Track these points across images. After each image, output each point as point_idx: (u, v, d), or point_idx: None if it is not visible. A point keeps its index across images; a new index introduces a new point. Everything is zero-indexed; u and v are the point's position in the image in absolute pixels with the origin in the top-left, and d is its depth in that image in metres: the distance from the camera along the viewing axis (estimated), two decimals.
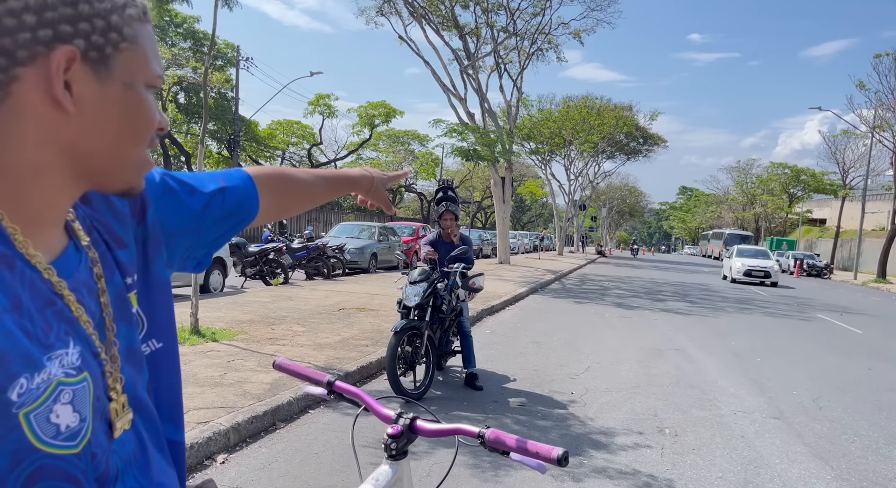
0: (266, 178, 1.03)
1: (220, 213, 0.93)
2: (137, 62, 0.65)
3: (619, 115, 34.67)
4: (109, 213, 0.77)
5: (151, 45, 0.67)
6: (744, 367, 7.21)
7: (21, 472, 0.60)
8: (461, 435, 1.27)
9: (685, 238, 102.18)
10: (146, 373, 0.78)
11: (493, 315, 10.19)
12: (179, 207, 0.86)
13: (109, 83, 0.63)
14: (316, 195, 1.16)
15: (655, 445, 4.28)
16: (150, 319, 0.82)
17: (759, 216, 61.07)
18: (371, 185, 1.28)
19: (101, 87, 0.62)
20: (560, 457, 1.12)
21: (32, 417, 0.61)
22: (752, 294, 18.53)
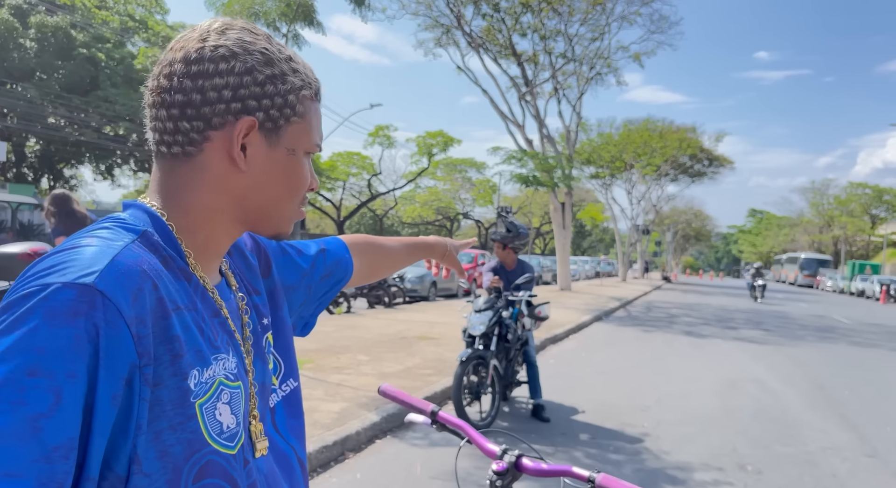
0: (356, 244, 1.19)
1: (323, 272, 1.06)
2: (302, 133, 0.78)
3: (682, 137, 33.89)
4: (244, 265, 0.89)
5: (317, 120, 0.81)
6: (830, 400, 6.75)
7: (194, 464, 0.66)
8: (569, 477, 1.24)
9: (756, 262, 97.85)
10: (269, 414, 0.84)
11: (557, 343, 9.98)
12: (293, 266, 1.00)
13: (277, 149, 0.76)
14: (398, 260, 1.32)
15: (737, 482, 4.04)
16: (286, 361, 0.91)
17: (838, 239, 57.88)
18: (445, 251, 1.41)
19: (270, 152, 0.76)
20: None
21: (204, 409, 0.68)
22: (835, 322, 17.47)
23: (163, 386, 0.64)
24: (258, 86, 0.73)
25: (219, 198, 0.75)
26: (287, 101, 0.75)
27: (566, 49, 21.92)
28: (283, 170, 0.77)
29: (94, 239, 0.66)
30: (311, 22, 18.90)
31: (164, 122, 0.72)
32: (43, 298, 0.58)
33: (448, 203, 44.45)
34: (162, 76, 0.72)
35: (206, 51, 0.71)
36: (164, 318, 0.65)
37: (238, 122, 0.72)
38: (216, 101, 0.71)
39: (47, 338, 0.57)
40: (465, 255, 22.53)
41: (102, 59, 25.45)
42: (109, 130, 27.08)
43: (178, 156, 0.73)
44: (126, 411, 0.61)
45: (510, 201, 46.57)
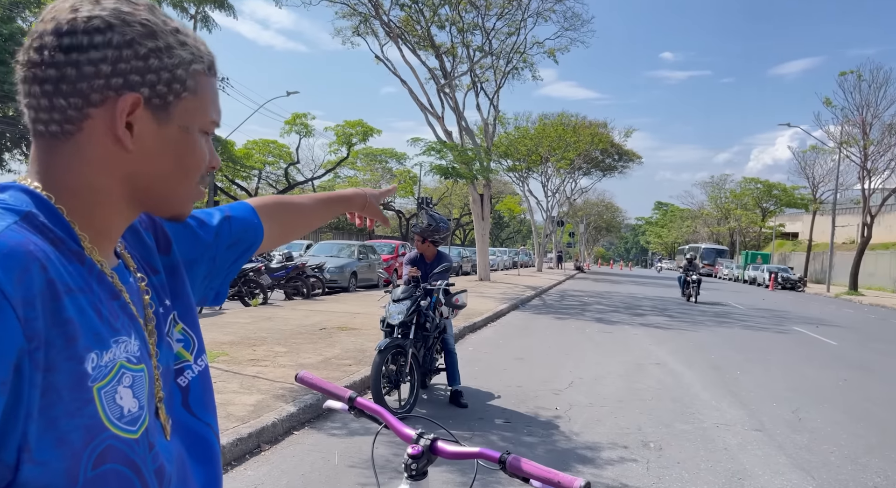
0: (266, 206, 1.13)
1: (229, 240, 1.01)
2: (195, 110, 0.74)
3: (594, 132, 35.27)
4: (140, 245, 0.85)
5: (212, 95, 0.77)
6: (724, 380, 7.29)
7: (94, 449, 0.64)
8: (482, 458, 1.27)
9: (662, 253, 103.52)
10: (179, 395, 0.83)
11: (475, 332, 10.18)
12: (194, 239, 0.95)
13: (168, 126, 0.72)
14: (314, 217, 1.26)
15: (641, 459, 4.31)
16: (196, 336, 0.88)
17: (734, 230, 62.21)
18: (364, 202, 1.36)
19: (159, 130, 0.72)
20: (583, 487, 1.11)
21: (103, 393, 0.66)
22: (731, 308, 18.80)
23: (56, 370, 0.61)
24: (140, 60, 0.68)
25: (106, 180, 0.71)
26: (175, 75, 0.71)
27: (484, 42, 22.24)
28: (175, 149, 0.73)
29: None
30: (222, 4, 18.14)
31: (38, 99, 0.68)
32: None
33: None
34: (32, 49, 0.67)
35: (78, 22, 0.66)
36: (56, 301, 0.62)
37: (120, 98, 0.68)
38: (93, 77, 0.67)
39: None
40: (386, 246, 22.47)
41: None
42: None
43: (57, 135, 0.68)
44: (15, 398, 0.58)
45: (431, 192, 46.79)
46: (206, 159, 0.77)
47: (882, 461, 4.61)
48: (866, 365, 9.21)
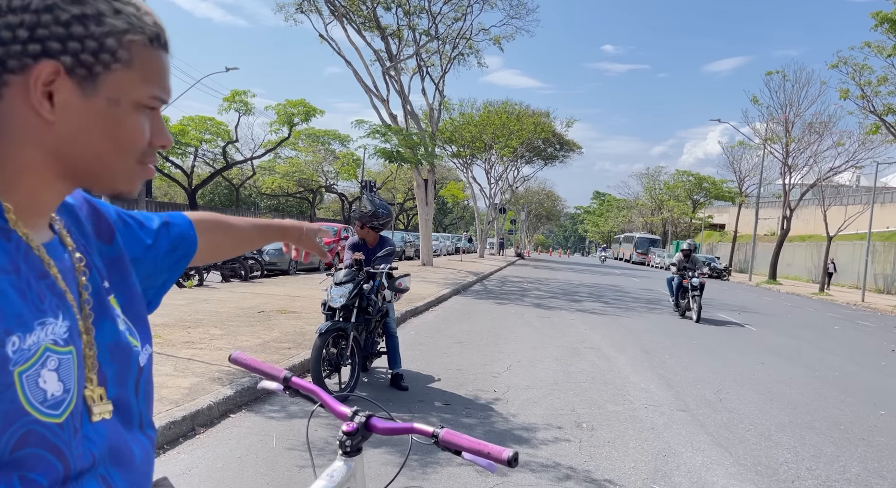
0: (203, 222, 1.12)
1: (168, 245, 1.01)
2: (130, 82, 0.70)
3: (537, 121, 35.75)
4: (76, 227, 0.83)
5: (155, 69, 0.72)
6: (653, 364, 7.63)
7: (12, 434, 0.63)
8: (415, 433, 1.30)
9: (599, 241, 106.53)
10: (135, 373, 0.80)
11: (417, 316, 10.24)
12: (135, 238, 0.94)
13: (94, 99, 0.68)
14: (247, 241, 1.25)
15: (574, 439, 4.48)
16: (138, 326, 0.85)
17: (667, 220, 64.66)
18: (301, 234, 1.34)
19: (85, 101, 0.68)
20: (510, 458, 1.16)
21: (24, 377, 0.64)
22: (661, 295, 19.59)
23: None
24: (61, 26, 0.65)
25: (29, 152, 0.68)
26: (104, 44, 0.67)
27: (430, 26, 22.11)
28: (104, 123, 0.69)
29: None
30: None
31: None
32: None
33: (310, 175, 43.25)
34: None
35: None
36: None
37: (37, 65, 0.64)
38: (10, 42, 0.63)
39: None
40: (329, 228, 22.18)
41: None
42: None
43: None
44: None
45: (374, 176, 46.38)
46: (145, 136, 0.73)
47: (792, 438, 4.96)
48: (781, 349, 9.83)
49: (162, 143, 0.75)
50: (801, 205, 35.60)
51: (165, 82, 0.74)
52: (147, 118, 0.73)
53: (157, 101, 0.73)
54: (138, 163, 0.74)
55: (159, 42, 0.73)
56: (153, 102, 0.73)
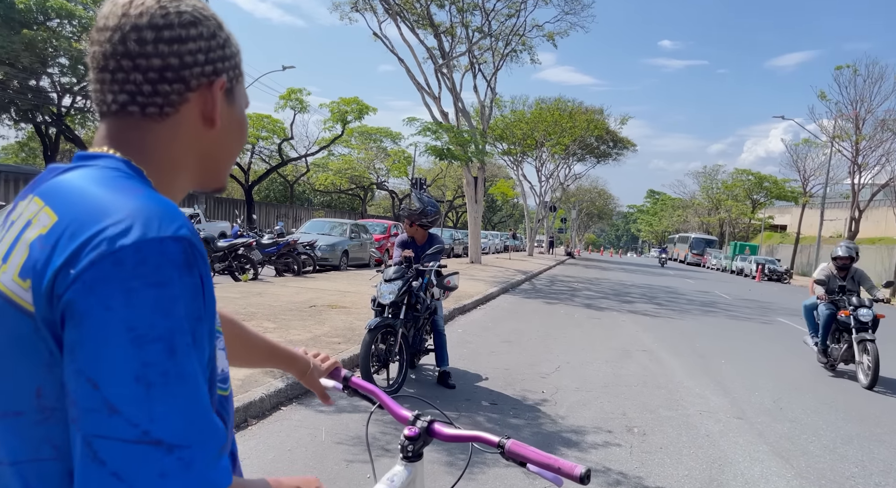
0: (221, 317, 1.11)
1: None
2: (243, 90, 0.86)
3: (590, 119, 35.12)
4: None
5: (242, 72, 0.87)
6: (708, 369, 7.39)
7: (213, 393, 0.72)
8: (480, 442, 1.25)
9: (652, 241, 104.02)
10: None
11: (465, 314, 10.23)
12: None
13: (234, 106, 0.84)
14: (256, 356, 1.24)
15: (625, 444, 4.37)
16: None
17: (724, 221, 62.56)
18: (307, 370, 1.32)
19: (229, 109, 0.83)
20: (583, 475, 1.10)
21: (218, 352, 0.75)
22: (717, 297, 18.98)
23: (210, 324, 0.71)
24: (221, 48, 0.80)
25: (188, 155, 0.80)
26: (237, 61, 0.83)
27: (483, 23, 22.02)
28: (238, 125, 0.85)
29: (139, 189, 0.70)
30: None
31: (139, 85, 0.75)
32: (156, 255, 0.63)
33: (362, 172, 43.82)
34: (129, 39, 0.74)
35: (172, 17, 0.75)
36: (208, 266, 0.73)
37: (215, 83, 0.79)
38: (193, 65, 0.76)
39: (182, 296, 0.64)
40: (378, 225, 22.41)
41: None
42: None
43: (153, 116, 0.76)
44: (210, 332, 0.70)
45: (425, 173, 46.62)
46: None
47: (859, 451, 4.70)
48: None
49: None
50: (872, 206, 33.79)
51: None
52: None
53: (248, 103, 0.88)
54: None
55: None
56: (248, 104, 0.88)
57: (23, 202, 0.73)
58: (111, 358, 0.60)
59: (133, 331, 0.60)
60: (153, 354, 0.61)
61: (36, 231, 0.66)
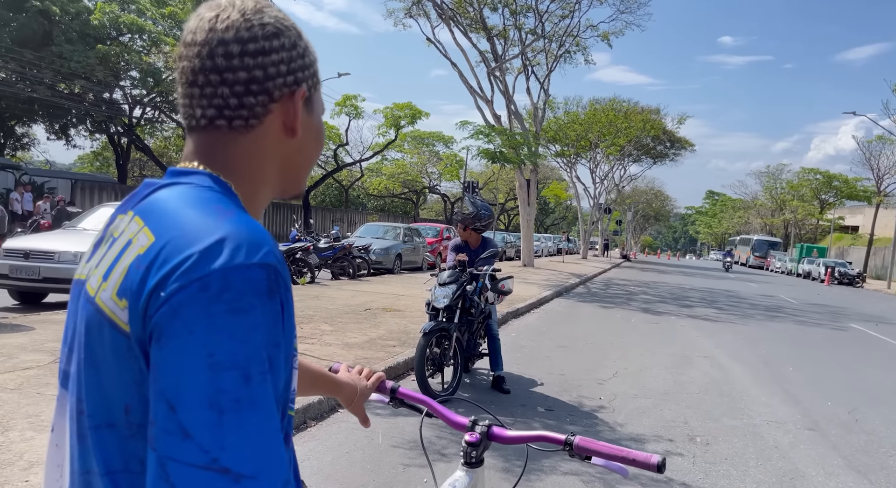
0: None
1: None
2: (320, 98, 0.86)
3: (646, 119, 34.33)
4: None
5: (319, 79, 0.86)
6: (775, 376, 7.07)
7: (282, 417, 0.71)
8: (545, 442, 1.25)
9: (711, 243, 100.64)
10: None
11: (518, 318, 10.15)
12: None
13: (312, 115, 0.83)
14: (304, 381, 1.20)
15: (687, 453, 4.23)
16: None
17: (789, 222, 59.91)
18: (353, 397, 1.30)
19: (308, 118, 0.83)
20: (659, 464, 1.13)
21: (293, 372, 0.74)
22: (783, 301, 18.19)
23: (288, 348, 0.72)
24: (301, 58, 0.80)
25: (270, 165, 0.81)
26: (315, 69, 0.83)
27: (536, 25, 21.84)
28: (316, 133, 0.84)
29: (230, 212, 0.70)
30: None
31: (227, 99, 0.76)
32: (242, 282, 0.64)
33: (415, 176, 44.20)
34: (216, 54, 0.75)
35: (256, 30, 0.76)
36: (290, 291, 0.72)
37: (296, 93, 0.79)
38: (277, 76, 0.77)
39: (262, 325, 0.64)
40: (431, 229, 22.55)
41: (56, 12, 24.20)
42: (64, 88, 25.91)
43: (239, 128, 0.77)
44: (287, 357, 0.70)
45: (477, 176, 46.59)
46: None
47: None
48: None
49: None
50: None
51: None
52: None
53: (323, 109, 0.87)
54: None
55: None
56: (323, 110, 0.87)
57: (123, 217, 0.75)
58: (188, 382, 0.61)
59: (211, 356, 0.61)
60: (228, 381, 0.61)
61: (135, 251, 0.68)
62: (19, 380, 4.22)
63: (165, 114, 30.23)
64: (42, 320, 6.44)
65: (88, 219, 9.10)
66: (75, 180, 25.17)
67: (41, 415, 3.56)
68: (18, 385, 4.12)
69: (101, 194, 24.12)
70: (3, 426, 3.38)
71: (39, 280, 7.49)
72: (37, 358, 4.86)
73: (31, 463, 2.94)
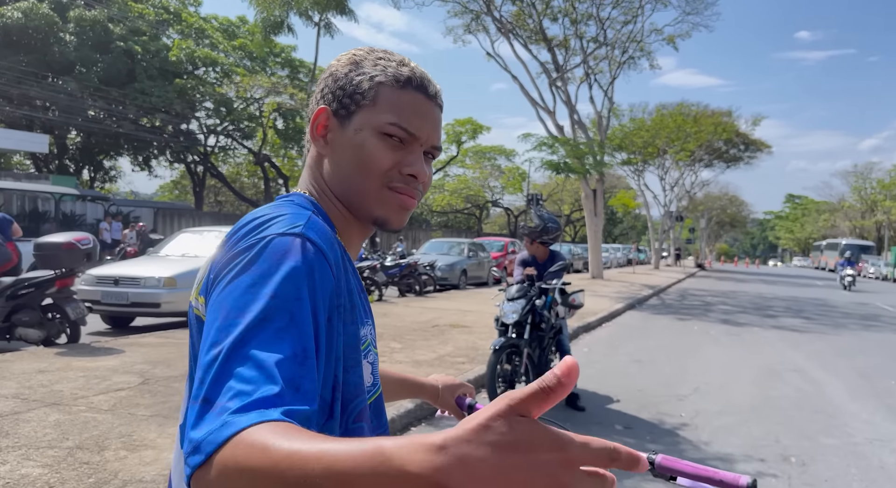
0: None
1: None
2: (372, 114, 0.86)
3: (717, 122, 33.07)
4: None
5: (397, 103, 0.86)
6: (876, 390, 6.54)
7: (355, 407, 0.77)
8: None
9: (793, 249, 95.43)
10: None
11: (590, 332, 9.88)
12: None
13: (347, 129, 0.87)
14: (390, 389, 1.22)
15: (782, 474, 3.94)
16: None
17: (882, 224, 56.01)
18: (437, 394, 1.29)
19: (342, 133, 0.87)
20: (750, 485, 1.00)
21: (364, 360, 0.79)
22: (879, 309, 16.93)
23: (347, 329, 0.76)
24: (343, 77, 0.88)
25: (323, 182, 0.89)
26: (358, 88, 0.86)
27: (598, 33, 21.53)
28: (351, 148, 0.86)
29: (284, 209, 0.80)
30: (343, 10, 18.92)
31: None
32: (266, 244, 0.72)
33: (477, 191, 44.30)
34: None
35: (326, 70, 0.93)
36: (344, 272, 0.78)
37: (318, 109, 0.89)
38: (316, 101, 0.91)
39: (278, 272, 0.69)
40: (495, 243, 22.44)
41: (139, 51, 25.92)
42: (146, 122, 27.63)
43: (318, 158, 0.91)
44: (330, 340, 0.72)
45: (540, 188, 46.17)
46: (387, 159, 0.85)
47: None
48: None
49: (411, 172, 0.86)
50: None
51: (408, 115, 0.86)
52: (391, 146, 0.85)
53: (397, 128, 0.85)
54: (385, 188, 0.86)
55: (411, 84, 0.87)
56: (391, 129, 0.84)
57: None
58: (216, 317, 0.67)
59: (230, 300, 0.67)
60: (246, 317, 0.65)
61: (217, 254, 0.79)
62: (112, 402, 4.42)
63: (237, 141, 31.62)
64: (131, 343, 6.78)
65: (169, 246, 9.57)
66: (157, 209, 26.68)
67: (133, 435, 3.71)
68: (112, 406, 4.32)
69: (181, 220, 25.44)
70: (99, 445, 3.53)
71: (128, 304, 7.91)
72: (127, 379, 5.10)
73: (126, 482, 3.05)
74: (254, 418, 0.55)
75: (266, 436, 0.52)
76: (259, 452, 0.51)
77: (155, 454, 3.40)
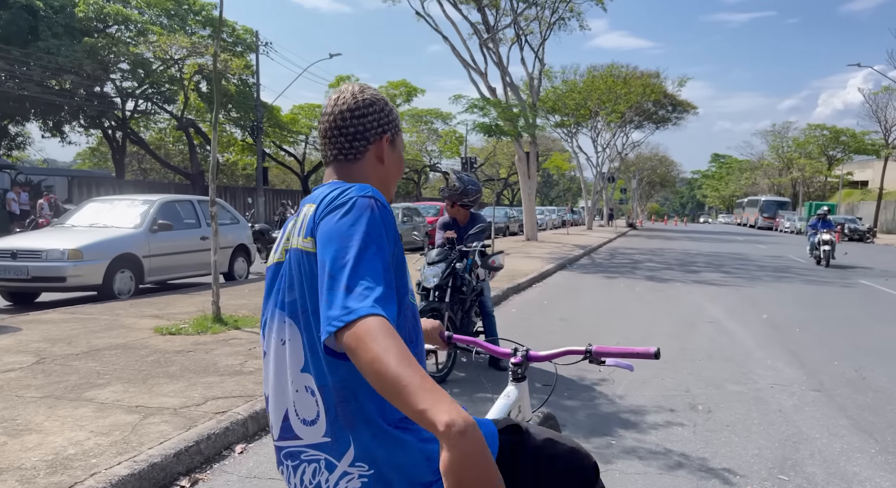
0: None
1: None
2: (401, 139, 1.47)
3: (646, 83, 33.71)
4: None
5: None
6: (781, 338, 6.94)
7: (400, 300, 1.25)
8: (571, 355, 1.74)
9: (719, 206, 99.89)
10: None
11: (520, 293, 10.03)
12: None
13: (395, 149, 1.44)
14: None
15: (688, 423, 4.12)
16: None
17: (797, 181, 59.21)
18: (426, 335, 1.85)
19: (392, 152, 1.43)
20: (656, 352, 1.64)
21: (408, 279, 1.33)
22: (791, 261, 17.97)
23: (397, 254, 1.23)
24: (387, 116, 1.40)
25: (371, 181, 1.37)
26: (397, 122, 1.44)
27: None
28: (398, 161, 1.45)
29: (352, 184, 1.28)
30: None
31: (343, 145, 1.37)
32: (356, 202, 1.20)
33: (415, 155, 43.87)
34: (337, 119, 1.37)
35: (360, 103, 1.37)
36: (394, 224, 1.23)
37: (384, 137, 1.40)
38: (371, 129, 1.38)
39: (364, 218, 1.17)
40: (431, 208, 22.35)
41: (40, 6, 23.88)
42: (55, 84, 25.70)
43: (351, 161, 1.38)
44: (399, 263, 1.25)
45: (477, 152, 46.17)
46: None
47: None
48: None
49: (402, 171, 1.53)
50: None
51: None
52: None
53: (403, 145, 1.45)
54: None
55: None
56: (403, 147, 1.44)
57: (307, 206, 1.30)
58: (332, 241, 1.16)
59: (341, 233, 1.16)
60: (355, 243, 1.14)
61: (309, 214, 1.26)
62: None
63: (158, 105, 29.94)
64: (30, 320, 6.37)
65: (76, 216, 8.97)
66: (72, 177, 25.11)
67: (17, 419, 3.48)
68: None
69: (99, 190, 24.08)
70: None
71: (28, 279, 7.41)
72: (20, 359, 4.78)
73: (0, 470, 2.86)
74: (376, 308, 1.05)
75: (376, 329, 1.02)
76: (370, 337, 1.01)
77: (39, 438, 3.19)
